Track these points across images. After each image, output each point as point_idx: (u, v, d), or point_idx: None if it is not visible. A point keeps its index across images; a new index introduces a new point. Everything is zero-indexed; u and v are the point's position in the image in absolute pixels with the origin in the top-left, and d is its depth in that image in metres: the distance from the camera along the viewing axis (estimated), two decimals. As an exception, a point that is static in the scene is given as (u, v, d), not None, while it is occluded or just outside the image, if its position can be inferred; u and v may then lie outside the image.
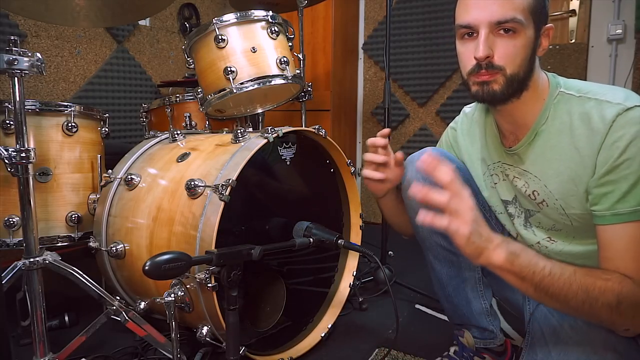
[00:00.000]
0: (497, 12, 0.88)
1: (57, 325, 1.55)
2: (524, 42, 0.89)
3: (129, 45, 2.59)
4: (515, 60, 0.90)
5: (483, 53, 0.88)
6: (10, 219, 1.29)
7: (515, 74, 0.91)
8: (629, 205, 0.82)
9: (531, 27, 0.90)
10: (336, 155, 1.52)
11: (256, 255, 0.97)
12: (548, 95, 0.95)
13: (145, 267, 0.81)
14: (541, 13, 0.91)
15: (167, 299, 0.99)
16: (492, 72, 0.90)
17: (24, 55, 1.07)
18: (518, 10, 0.88)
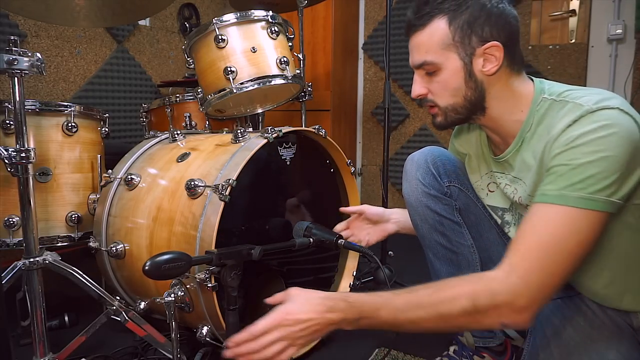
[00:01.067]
0: (413, 59, 0.98)
1: (57, 325, 1.55)
2: (447, 76, 0.95)
3: (129, 45, 2.59)
4: (443, 95, 0.97)
5: (413, 94, 1.00)
6: (10, 219, 1.29)
7: (451, 105, 0.97)
8: (557, 188, 0.81)
9: (453, 59, 0.93)
10: (336, 155, 1.52)
11: (256, 255, 0.96)
12: (532, 103, 0.95)
13: (146, 267, 0.81)
14: (468, 37, 0.92)
15: (167, 299, 0.99)
16: (430, 105, 1.00)
17: (24, 55, 1.07)
18: (429, 53, 0.94)
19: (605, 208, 0.78)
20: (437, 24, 0.93)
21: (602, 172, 0.78)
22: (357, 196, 1.60)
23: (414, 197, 1.17)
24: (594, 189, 0.78)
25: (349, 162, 1.54)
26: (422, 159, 1.18)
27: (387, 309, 0.80)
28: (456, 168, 1.19)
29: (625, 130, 0.79)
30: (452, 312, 0.78)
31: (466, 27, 0.92)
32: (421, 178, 1.17)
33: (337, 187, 1.59)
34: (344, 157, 1.52)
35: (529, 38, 2.57)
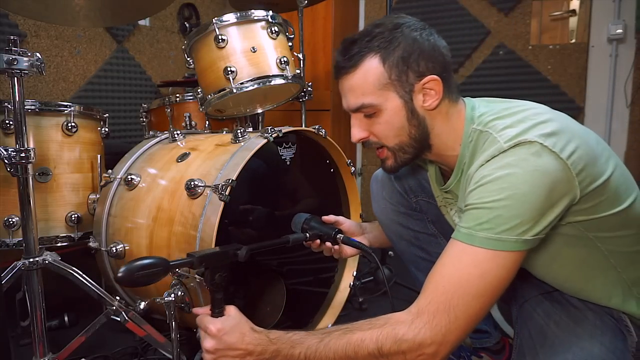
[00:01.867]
0: (348, 103, 0.94)
1: (57, 325, 1.55)
2: (388, 117, 0.91)
3: (129, 45, 2.59)
4: (388, 136, 0.93)
5: (354, 139, 0.97)
6: (10, 219, 1.29)
7: (398, 144, 0.94)
8: (466, 226, 0.80)
9: (392, 98, 0.90)
10: (336, 155, 1.52)
11: (242, 256, 0.92)
12: (463, 135, 0.93)
13: (119, 275, 0.77)
14: (405, 74, 0.89)
15: (167, 299, 0.98)
16: (375, 147, 0.97)
17: (24, 55, 1.07)
18: (366, 95, 0.90)
19: (514, 248, 0.77)
20: (369, 64, 0.89)
21: (510, 212, 0.77)
22: (357, 196, 1.60)
23: (385, 216, 1.18)
24: (501, 229, 0.77)
25: (349, 162, 1.54)
26: (386, 178, 1.19)
27: (301, 347, 0.80)
28: (420, 180, 1.18)
29: (538, 170, 0.77)
30: (359, 354, 0.78)
31: (401, 64, 0.89)
32: (388, 197, 1.17)
33: (337, 187, 1.58)
34: (344, 157, 1.52)
35: (529, 38, 2.57)
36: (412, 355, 0.77)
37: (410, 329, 0.77)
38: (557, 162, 0.78)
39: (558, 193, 0.78)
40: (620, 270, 0.89)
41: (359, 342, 0.79)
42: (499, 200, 0.77)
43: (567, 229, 0.86)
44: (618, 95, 2.41)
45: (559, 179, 0.77)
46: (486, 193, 0.79)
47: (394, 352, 0.77)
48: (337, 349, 0.79)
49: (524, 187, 0.76)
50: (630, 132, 2.41)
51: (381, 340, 0.78)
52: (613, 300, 0.90)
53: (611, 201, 0.84)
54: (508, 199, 0.77)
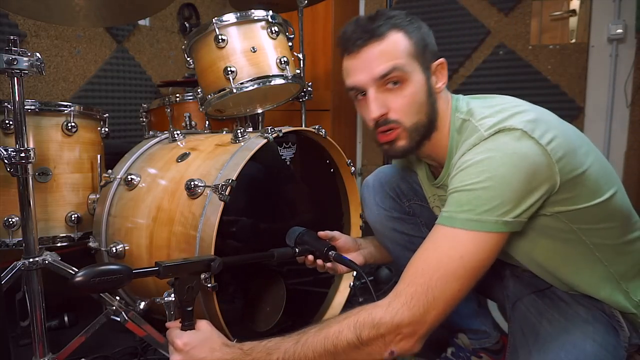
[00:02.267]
0: (377, 68, 0.88)
1: (57, 325, 1.55)
2: (414, 89, 0.89)
3: (129, 45, 2.59)
4: (411, 111, 0.90)
5: (375, 113, 0.89)
6: (10, 219, 1.29)
7: (416, 123, 0.91)
8: (447, 210, 0.81)
9: (418, 71, 0.90)
10: (336, 155, 1.52)
11: (215, 269, 0.90)
12: (450, 126, 0.94)
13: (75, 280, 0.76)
14: (425, 52, 0.91)
15: (167, 299, 0.98)
16: (391, 127, 0.90)
17: (24, 55, 1.07)
18: (397, 59, 0.88)
19: (495, 229, 0.77)
20: (396, 36, 0.89)
21: (490, 193, 0.77)
22: (357, 196, 1.60)
23: (379, 222, 1.17)
24: (481, 210, 0.77)
25: (349, 162, 1.54)
26: (377, 183, 1.18)
27: (278, 352, 0.79)
28: (412, 184, 1.18)
29: (517, 154, 0.78)
30: (338, 347, 0.77)
31: (422, 42, 0.91)
32: (381, 203, 1.16)
33: (337, 187, 1.58)
34: (344, 157, 1.52)
35: (529, 38, 2.57)
36: (390, 337, 0.76)
37: (388, 312, 0.76)
38: (537, 148, 0.79)
39: (538, 178, 0.78)
40: (606, 264, 0.89)
41: (337, 334, 0.78)
42: (479, 182, 0.78)
43: (550, 221, 0.86)
44: (618, 95, 2.41)
45: (539, 164, 0.78)
46: (466, 176, 0.80)
47: (372, 337, 0.76)
48: (315, 346, 0.78)
49: (503, 169, 0.77)
50: (630, 132, 2.41)
51: (359, 327, 0.77)
52: (601, 293, 0.91)
53: (591, 192, 0.85)
54: (487, 181, 0.77)
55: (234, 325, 1.18)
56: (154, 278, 1.25)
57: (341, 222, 1.60)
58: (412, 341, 0.77)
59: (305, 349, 0.78)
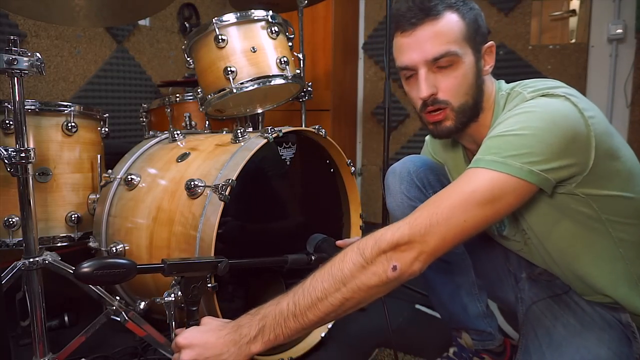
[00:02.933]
0: (431, 50, 0.88)
1: (57, 325, 1.55)
2: (465, 71, 0.90)
3: (129, 45, 2.59)
4: (459, 92, 0.91)
5: (425, 93, 0.90)
6: (10, 219, 1.29)
7: (463, 105, 0.92)
8: (478, 155, 0.81)
9: (469, 54, 0.91)
10: (336, 155, 1.52)
11: (222, 270, 0.90)
12: (495, 104, 0.95)
13: (80, 271, 0.75)
14: (477, 35, 0.91)
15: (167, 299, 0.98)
16: (440, 107, 0.92)
17: (24, 55, 1.07)
18: (451, 43, 0.88)
19: (518, 174, 0.76)
20: (451, 16, 0.89)
21: (521, 140, 0.77)
22: (357, 196, 1.60)
23: (400, 211, 1.14)
24: (507, 154, 0.76)
25: (349, 162, 1.54)
26: (405, 171, 1.14)
27: (287, 297, 0.78)
28: (439, 176, 1.16)
29: (558, 113, 0.78)
30: (345, 270, 0.76)
31: (475, 24, 0.91)
32: (406, 192, 1.13)
33: (337, 187, 1.58)
34: (344, 157, 1.52)
35: (529, 38, 2.57)
36: (392, 254, 0.76)
37: (390, 230, 0.77)
38: (579, 116, 0.79)
39: (576, 144, 0.78)
40: (628, 263, 0.89)
41: (342, 259, 0.78)
42: (512, 130, 0.78)
43: (580, 204, 0.85)
44: (618, 95, 2.41)
45: (579, 131, 0.78)
46: (501, 126, 0.80)
47: (375, 253, 0.76)
48: (323, 277, 0.77)
49: (541, 122, 0.77)
50: (630, 132, 2.41)
51: (362, 246, 0.77)
52: (619, 291, 0.90)
53: (624, 182, 0.84)
54: (521, 130, 0.77)
55: (234, 325, 1.18)
56: (154, 278, 1.26)
57: (341, 222, 1.60)
58: (412, 256, 0.76)
59: (314, 282, 0.78)
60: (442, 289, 1.20)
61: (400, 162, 1.17)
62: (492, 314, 1.27)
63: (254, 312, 0.80)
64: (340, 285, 0.76)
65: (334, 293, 0.77)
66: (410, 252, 0.76)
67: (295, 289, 0.79)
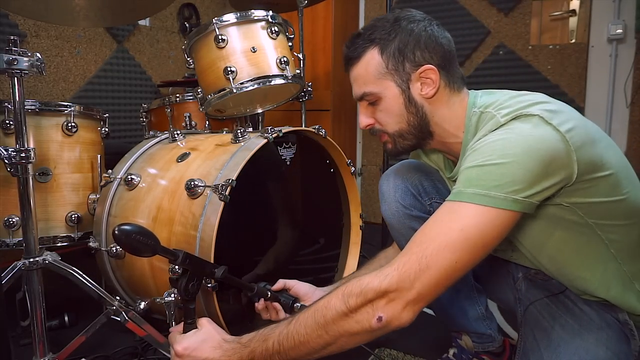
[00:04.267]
0: (354, 91, 1.00)
1: (57, 325, 1.55)
2: (389, 103, 0.96)
3: (129, 45, 2.59)
4: (389, 122, 0.98)
5: (361, 125, 1.02)
6: (10, 219, 1.29)
7: (398, 131, 0.98)
8: (458, 187, 0.80)
9: (391, 87, 0.95)
10: (336, 155, 1.52)
11: (219, 276, 0.94)
12: (465, 119, 0.95)
13: (120, 227, 0.76)
14: (403, 62, 0.93)
15: (167, 299, 0.98)
16: (379, 134, 1.01)
17: (24, 55, 1.07)
18: (367, 84, 0.96)
19: (503, 205, 0.74)
20: (370, 55, 0.95)
21: (502, 170, 0.76)
22: (357, 196, 1.60)
23: (396, 219, 1.13)
24: (490, 185, 0.75)
25: (349, 162, 1.54)
26: (399, 179, 1.13)
27: (273, 336, 0.79)
28: (434, 181, 1.15)
29: (533, 137, 0.78)
30: (327, 317, 0.76)
31: (397, 54, 0.93)
32: (401, 200, 1.12)
33: (337, 187, 1.58)
34: (344, 157, 1.52)
35: (529, 38, 2.57)
36: (378, 302, 0.74)
37: (377, 277, 0.75)
38: (555, 134, 0.78)
39: (556, 164, 0.77)
40: (620, 262, 0.89)
41: (326, 305, 0.77)
42: (491, 159, 0.77)
43: (566, 213, 0.85)
44: (618, 95, 2.41)
45: (557, 150, 0.77)
46: (478, 155, 0.79)
47: (360, 303, 0.74)
48: (306, 322, 0.77)
49: (518, 149, 0.76)
50: (630, 132, 2.41)
51: (347, 294, 0.76)
52: (612, 292, 0.90)
53: (611, 187, 0.84)
54: (500, 158, 0.76)
55: (234, 325, 1.18)
56: (154, 278, 1.27)
57: (341, 222, 1.60)
58: (399, 306, 0.73)
59: (297, 326, 0.78)
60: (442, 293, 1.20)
61: (394, 168, 1.16)
62: (492, 316, 1.27)
63: (246, 342, 0.82)
64: (322, 332, 0.76)
65: (316, 339, 0.77)
66: (398, 302, 0.74)
67: (281, 327, 0.80)
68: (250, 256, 1.31)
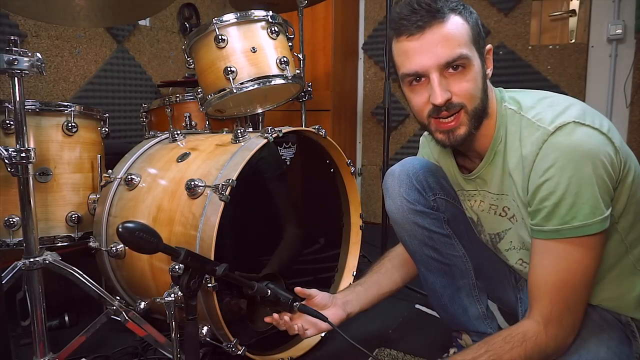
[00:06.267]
0: (443, 53, 0.85)
1: (57, 325, 1.55)
2: (475, 74, 0.88)
3: (129, 45, 2.59)
4: (473, 95, 0.89)
5: (441, 99, 0.86)
6: (10, 219, 1.29)
7: (476, 108, 0.90)
8: (552, 224, 0.83)
9: (477, 57, 0.89)
10: (336, 155, 1.52)
11: (220, 273, 0.94)
12: (497, 114, 0.94)
13: (124, 225, 0.78)
14: (479, 38, 0.91)
15: (167, 299, 0.98)
16: (454, 111, 0.89)
17: (24, 55, 1.07)
18: (462, 46, 0.86)
19: (600, 228, 0.81)
20: (456, 19, 0.87)
21: (586, 196, 0.80)
22: (357, 196, 1.60)
23: (400, 214, 1.12)
24: (583, 215, 0.80)
25: (349, 162, 1.54)
26: (404, 174, 1.12)
27: None
28: (439, 178, 1.15)
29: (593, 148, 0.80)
30: None
31: (477, 28, 0.90)
32: (405, 195, 1.11)
33: (337, 187, 1.58)
34: (344, 157, 1.52)
35: (529, 38, 2.57)
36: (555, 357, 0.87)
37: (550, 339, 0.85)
38: (603, 138, 0.82)
39: (614, 167, 0.82)
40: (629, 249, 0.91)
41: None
42: (569, 188, 0.80)
43: None
44: (617, 95, 2.41)
45: (611, 154, 0.81)
46: (553, 186, 0.81)
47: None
48: None
49: (587, 169, 0.79)
50: (630, 132, 2.41)
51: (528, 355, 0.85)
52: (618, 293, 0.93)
53: (635, 186, 0.87)
54: (576, 185, 0.80)
55: (234, 325, 1.18)
56: (154, 278, 1.27)
57: (341, 222, 1.60)
58: None
59: None
60: (443, 291, 1.20)
61: (399, 164, 1.15)
62: (493, 315, 1.27)
63: None
64: None
65: None
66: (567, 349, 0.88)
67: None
68: (250, 256, 1.32)
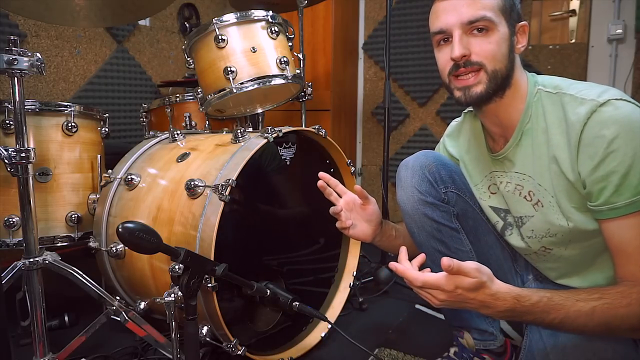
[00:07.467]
0: (467, 13, 0.90)
1: (57, 325, 1.55)
2: (499, 38, 0.91)
3: (129, 45, 2.59)
4: (494, 56, 0.91)
5: (459, 52, 0.90)
6: (10, 219, 1.29)
7: (496, 70, 0.92)
8: (624, 198, 0.82)
9: (504, 25, 0.91)
10: (336, 155, 1.52)
11: (219, 273, 0.95)
12: (528, 94, 0.96)
13: (124, 225, 0.79)
14: (512, 11, 0.92)
15: (167, 299, 0.98)
16: (472, 70, 0.92)
17: (24, 55, 1.07)
18: (487, 9, 0.90)
19: None
20: None
21: None
22: (357, 196, 1.60)
23: (410, 205, 1.13)
24: None
25: (349, 162, 1.54)
26: (417, 165, 1.13)
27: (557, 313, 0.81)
28: (452, 172, 1.15)
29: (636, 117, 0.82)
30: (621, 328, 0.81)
31: (512, 2, 0.92)
32: (417, 185, 1.12)
33: (337, 187, 1.58)
34: (344, 157, 1.52)
35: (529, 38, 2.57)
36: None
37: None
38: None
39: None
40: None
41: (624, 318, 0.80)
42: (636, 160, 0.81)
43: None
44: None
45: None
46: (614, 162, 0.82)
47: None
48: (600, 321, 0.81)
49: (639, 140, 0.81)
50: (630, 132, 2.41)
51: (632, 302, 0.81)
52: None
53: None
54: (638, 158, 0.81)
55: (234, 325, 1.18)
56: (154, 278, 1.27)
57: (341, 222, 1.60)
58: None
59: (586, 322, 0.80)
60: None
61: (414, 156, 1.17)
62: None
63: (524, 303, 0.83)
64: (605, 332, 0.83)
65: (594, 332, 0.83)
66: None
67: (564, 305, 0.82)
68: (250, 256, 1.32)
